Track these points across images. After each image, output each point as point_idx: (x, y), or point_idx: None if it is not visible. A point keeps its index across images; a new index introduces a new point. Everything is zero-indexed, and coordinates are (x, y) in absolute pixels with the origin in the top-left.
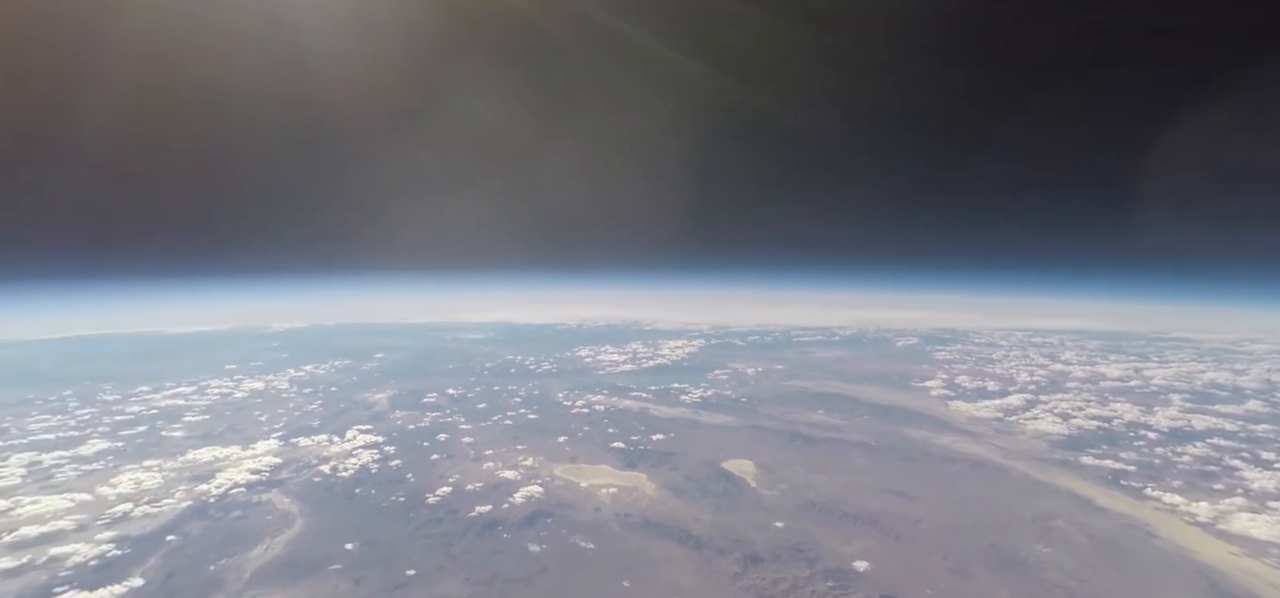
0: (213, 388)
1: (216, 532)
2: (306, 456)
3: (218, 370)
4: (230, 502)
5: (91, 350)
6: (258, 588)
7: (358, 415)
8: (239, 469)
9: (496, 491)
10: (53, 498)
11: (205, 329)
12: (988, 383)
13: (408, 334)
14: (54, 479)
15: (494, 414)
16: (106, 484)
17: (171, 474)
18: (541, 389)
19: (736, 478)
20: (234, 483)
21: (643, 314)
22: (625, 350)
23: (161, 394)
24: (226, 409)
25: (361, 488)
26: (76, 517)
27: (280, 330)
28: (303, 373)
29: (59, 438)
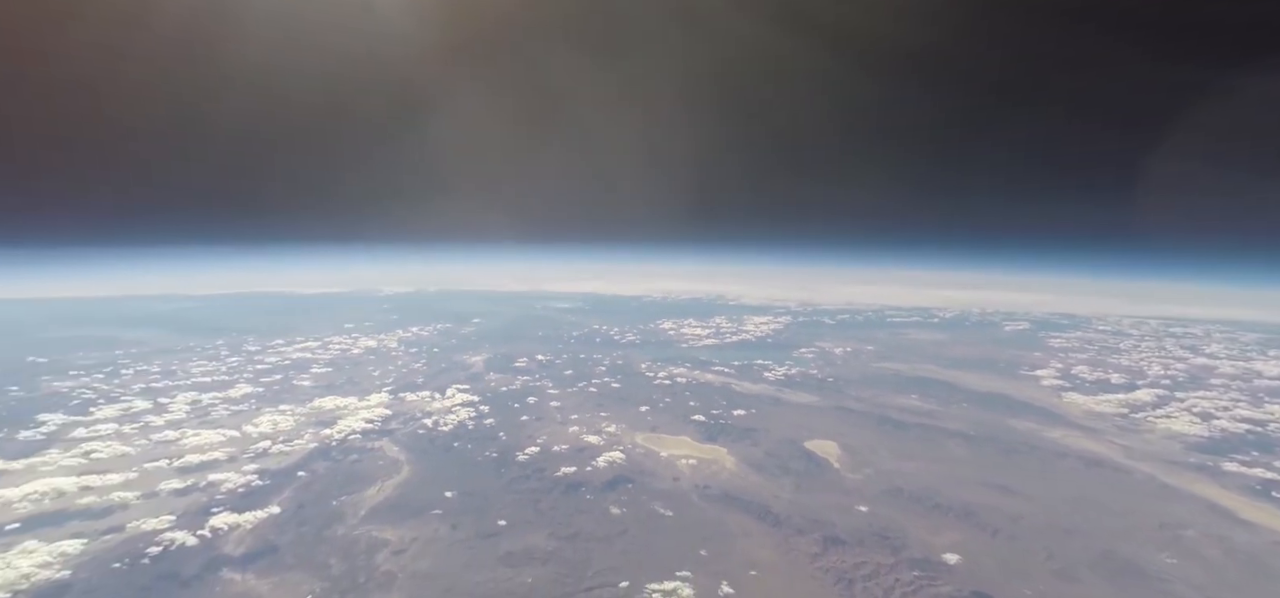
0: (334, 344)
1: (337, 472)
2: (412, 409)
3: (338, 328)
4: (349, 446)
5: (238, 307)
6: (371, 525)
7: (456, 375)
8: (356, 418)
9: (580, 454)
10: (209, 432)
11: (328, 291)
12: (1111, 375)
13: (502, 302)
14: (210, 416)
15: (579, 381)
16: (250, 424)
17: (301, 418)
18: (625, 359)
19: (819, 459)
20: (352, 430)
21: (728, 289)
22: (709, 324)
23: (293, 347)
24: (345, 363)
25: (459, 442)
26: (227, 449)
27: (390, 294)
28: (409, 334)
29: (214, 381)
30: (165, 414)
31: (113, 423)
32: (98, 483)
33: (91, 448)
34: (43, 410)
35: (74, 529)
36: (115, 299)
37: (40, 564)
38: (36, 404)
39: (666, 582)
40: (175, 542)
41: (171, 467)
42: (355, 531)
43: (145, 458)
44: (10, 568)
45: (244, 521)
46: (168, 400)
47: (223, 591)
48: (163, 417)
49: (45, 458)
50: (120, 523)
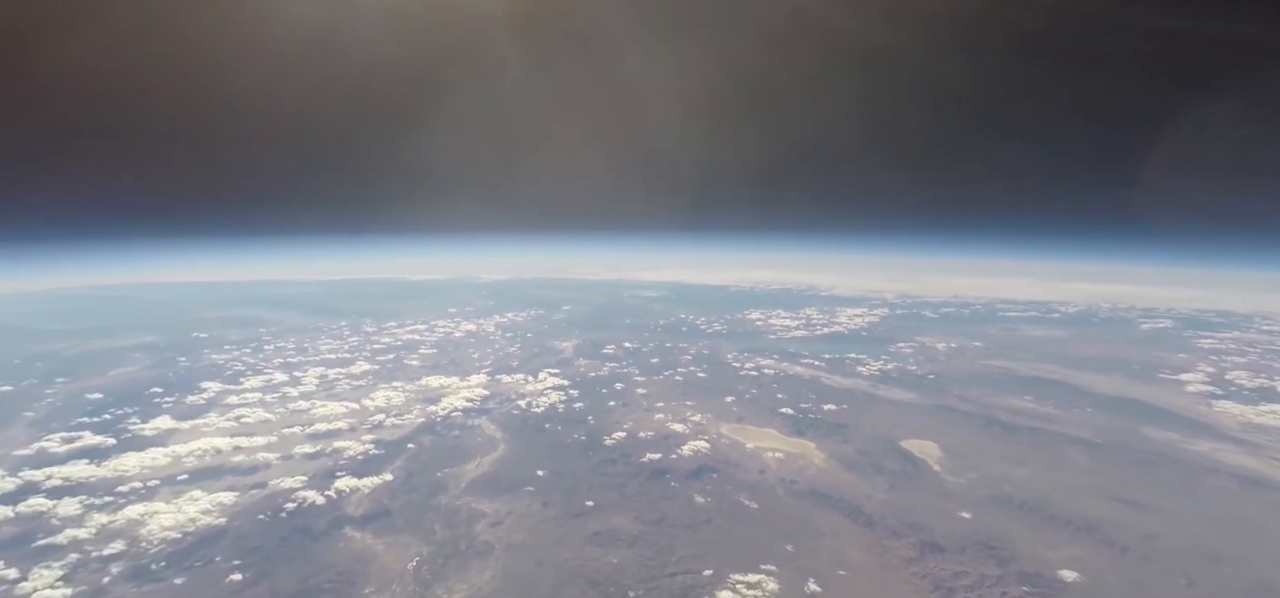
0: (439, 327)
1: (441, 446)
2: (507, 391)
3: (443, 313)
4: (451, 423)
5: (358, 292)
6: (471, 496)
7: (548, 360)
8: (458, 397)
9: (666, 441)
10: (334, 404)
11: (433, 278)
12: (1278, 382)
13: (591, 289)
14: (335, 390)
15: (666, 369)
16: (368, 398)
17: (410, 395)
18: (711, 349)
19: (917, 459)
20: (454, 408)
21: (819, 280)
22: (798, 316)
23: (404, 329)
24: (449, 346)
25: (550, 424)
26: (349, 420)
27: (488, 281)
28: (505, 319)
29: (338, 358)
30: (299, 386)
31: (258, 392)
32: (246, 444)
33: (241, 413)
34: (205, 379)
35: (228, 483)
36: (260, 283)
37: (203, 511)
38: (200, 374)
39: (751, 574)
40: (307, 500)
41: (304, 433)
42: (457, 501)
43: (283, 424)
44: (181, 512)
45: (362, 485)
46: (301, 374)
47: (345, 546)
48: (297, 388)
49: (206, 420)
50: (263, 481)
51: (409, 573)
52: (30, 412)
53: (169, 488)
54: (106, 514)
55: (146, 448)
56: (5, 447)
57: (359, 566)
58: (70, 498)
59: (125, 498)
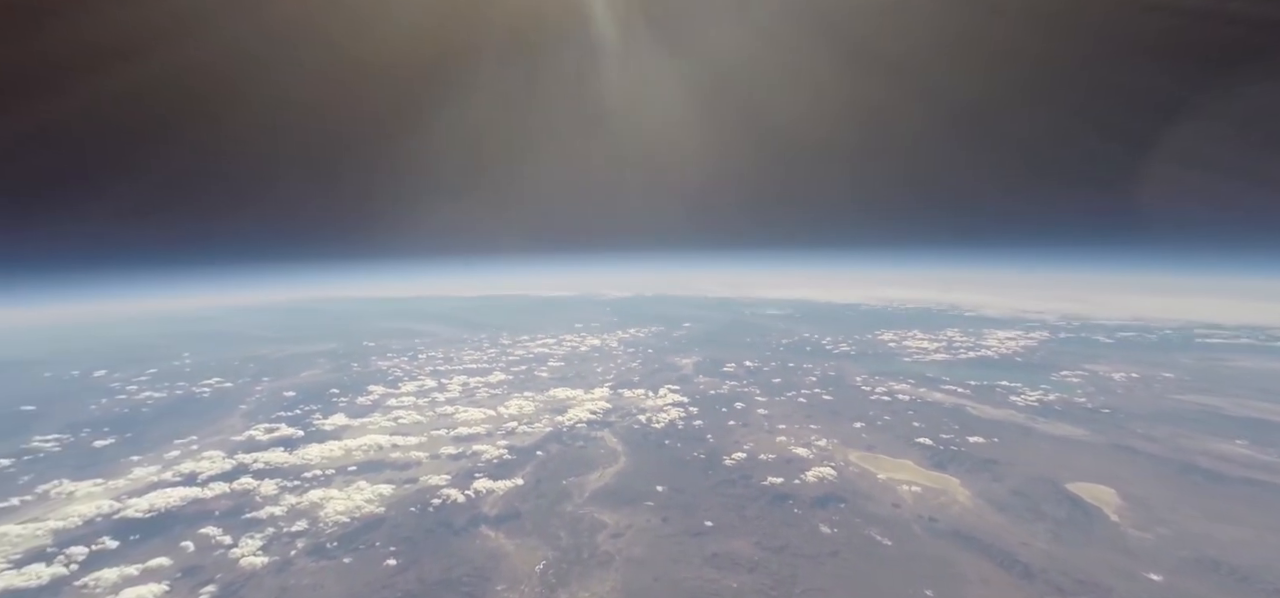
0: (567, 341)
1: (567, 455)
2: (629, 405)
3: (570, 327)
4: (576, 433)
5: (496, 307)
6: (593, 506)
7: (668, 376)
8: (582, 408)
9: (788, 465)
10: (474, 410)
11: (560, 294)
12: None
13: (711, 307)
14: (475, 397)
15: (788, 390)
16: (503, 406)
17: (540, 405)
18: (838, 370)
19: (1088, 506)
20: (579, 419)
21: (964, 298)
22: (938, 337)
23: (535, 342)
24: (575, 359)
25: (670, 440)
26: (486, 426)
27: (611, 298)
28: (627, 335)
29: (478, 368)
30: (445, 392)
31: (412, 396)
32: (402, 443)
33: (398, 415)
34: (371, 383)
35: (387, 477)
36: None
37: (366, 500)
38: (367, 378)
39: None
40: (449, 497)
41: (448, 436)
42: (580, 509)
43: (432, 426)
44: (350, 500)
45: (497, 487)
46: (447, 381)
47: (481, 544)
48: (444, 394)
49: (371, 419)
50: (415, 477)
51: (536, 575)
52: (244, 405)
53: (341, 477)
54: (295, 496)
55: (326, 441)
56: (225, 433)
57: (492, 563)
58: (269, 480)
59: (309, 483)
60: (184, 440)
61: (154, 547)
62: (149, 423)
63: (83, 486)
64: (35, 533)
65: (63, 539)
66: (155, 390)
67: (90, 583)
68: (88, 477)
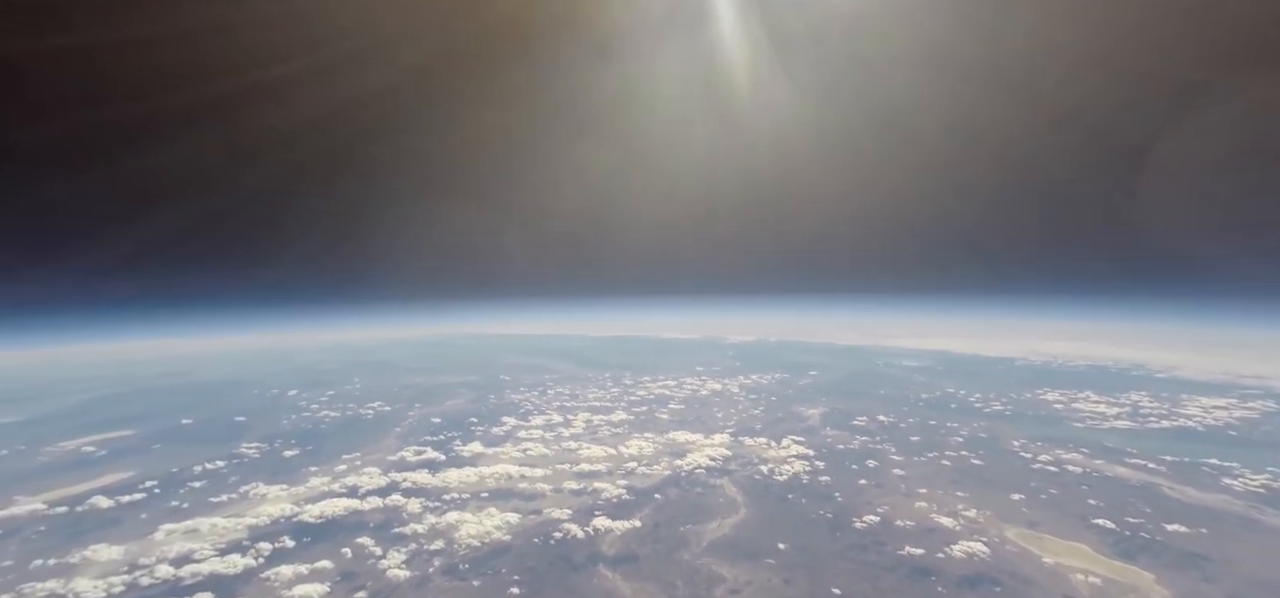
0: (687, 384)
1: (685, 501)
2: (750, 454)
3: (691, 370)
4: (695, 479)
5: (620, 347)
6: (711, 558)
7: (792, 426)
8: (702, 454)
9: (930, 535)
10: (596, 448)
11: (683, 337)
12: None
13: (839, 355)
14: (597, 434)
15: (929, 450)
16: (623, 445)
17: (659, 447)
18: (990, 432)
19: None
20: (698, 464)
21: (1152, 356)
22: (1120, 401)
23: (656, 384)
24: (695, 403)
25: (793, 494)
26: (607, 464)
27: (734, 342)
28: (750, 381)
29: (601, 406)
30: (570, 428)
31: (539, 430)
32: (529, 474)
33: (527, 447)
34: (504, 414)
35: (514, 506)
36: (546, 336)
37: (496, 527)
38: (501, 409)
39: None
40: (570, 533)
41: (571, 471)
42: (698, 559)
43: (556, 460)
44: (481, 525)
45: (616, 527)
46: (572, 417)
47: (598, 583)
48: (568, 430)
49: (502, 449)
50: (539, 508)
51: None
52: (398, 428)
53: (475, 502)
54: (435, 516)
55: (463, 466)
56: (382, 452)
57: None
58: (415, 499)
59: (447, 505)
60: (350, 456)
61: (320, 550)
62: (325, 439)
63: (273, 489)
64: (236, 527)
65: (255, 535)
66: (331, 411)
67: (271, 577)
68: (277, 482)
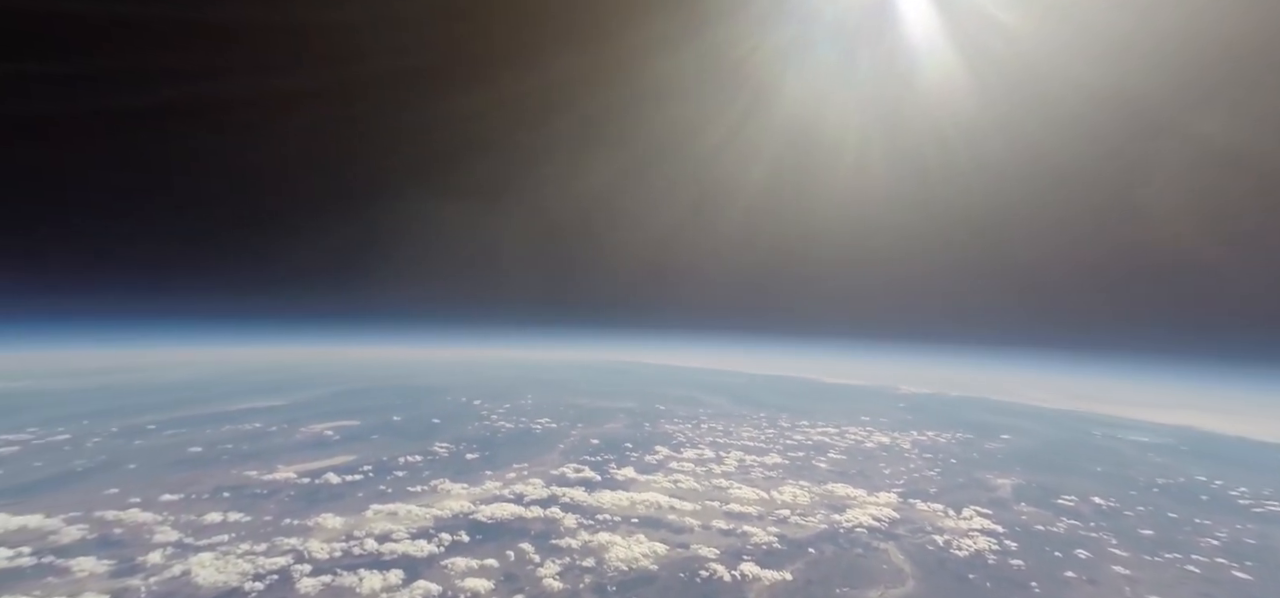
0: (850, 434)
1: (841, 560)
2: (921, 519)
3: (855, 419)
4: (854, 538)
5: (778, 387)
6: None
7: (975, 495)
8: (863, 511)
9: None
10: (747, 489)
11: (848, 383)
12: None
13: (1041, 419)
14: (749, 475)
15: (1166, 550)
16: (776, 490)
17: (815, 497)
18: (1261, 538)
19: None
20: (858, 523)
21: None
22: None
23: (816, 430)
24: (858, 455)
25: (976, 575)
26: (758, 507)
27: (906, 393)
28: (924, 437)
29: (754, 446)
30: (722, 465)
31: (691, 463)
32: (678, 506)
33: (678, 478)
34: (658, 443)
35: (662, 536)
36: (703, 370)
37: (643, 554)
38: (655, 438)
39: None
40: (716, 573)
41: (721, 509)
42: None
43: (706, 496)
44: (630, 550)
45: (764, 575)
46: (724, 455)
47: None
48: (720, 466)
49: (654, 478)
50: (686, 542)
51: None
52: (562, 444)
53: (625, 526)
54: (588, 534)
55: (616, 489)
56: (546, 466)
57: None
58: (571, 514)
59: (599, 525)
60: (519, 466)
61: (488, 549)
62: (500, 447)
63: (455, 487)
64: (424, 517)
65: (439, 525)
66: (507, 422)
67: (448, 566)
68: (459, 481)
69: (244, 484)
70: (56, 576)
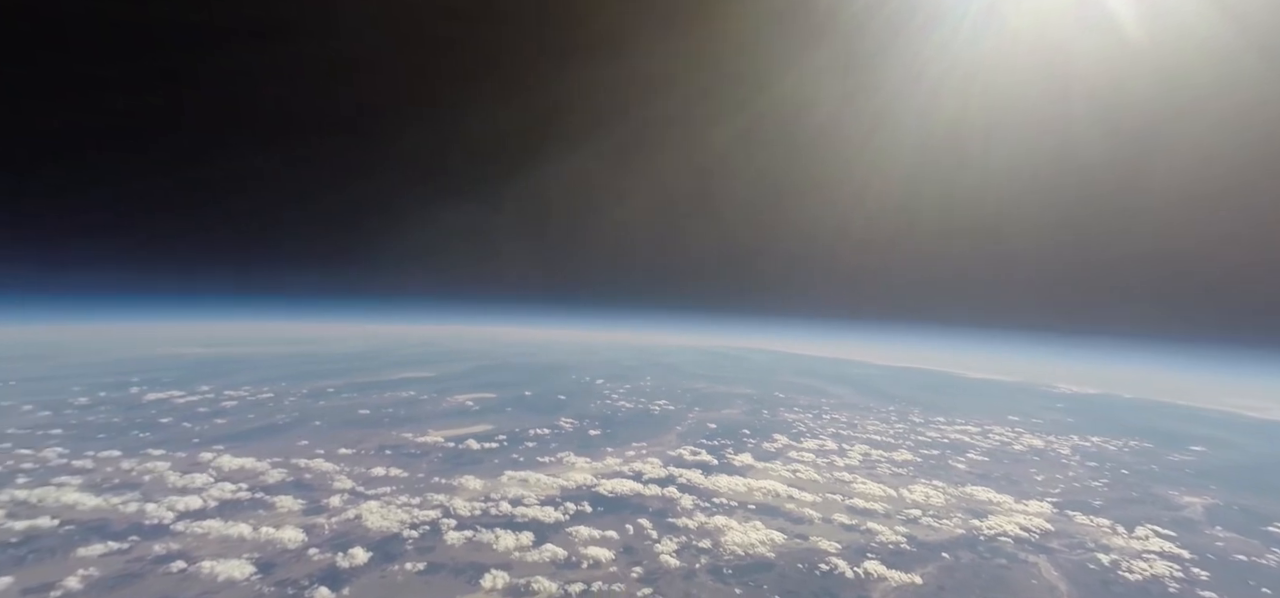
0: (994, 433)
1: (982, 570)
2: (1081, 534)
3: (1000, 418)
4: (997, 547)
5: (909, 380)
6: None
7: (1154, 513)
8: (1009, 519)
9: None
10: (873, 484)
11: (993, 378)
12: None
13: (1246, 430)
14: (875, 471)
15: None
16: (906, 488)
17: (951, 499)
18: None
19: None
20: (1003, 531)
21: None
22: None
23: (952, 427)
24: (1004, 457)
25: None
26: (884, 505)
27: (1066, 392)
28: (1088, 443)
29: (882, 440)
30: (845, 458)
31: (811, 453)
32: (796, 496)
33: (797, 468)
34: (776, 431)
35: (779, 525)
36: (825, 360)
37: (759, 540)
38: (773, 426)
39: None
40: (837, 568)
41: (843, 503)
42: None
43: (827, 488)
44: (746, 536)
45: (891, 576)
46: (848, 447)
47: None
48: (843, 459)
49: (772, 466)
50: (805, 534)
51: None
52: (679, 426)
53: (741, 512)
54: (704, 516)
55: (733, 475)
56: (664, 447)
57: None
58: (688, 495)
59: (715, 508)
60: (638, 445)
61: (608, 521)
62: (620, 425)
63: (579, 460)
64: (551, 486)
65: (564, 494)
66: (626, 402)
67: (573, 534)
68: (583, 455)
69: (401, 444)
70: (265, 510)
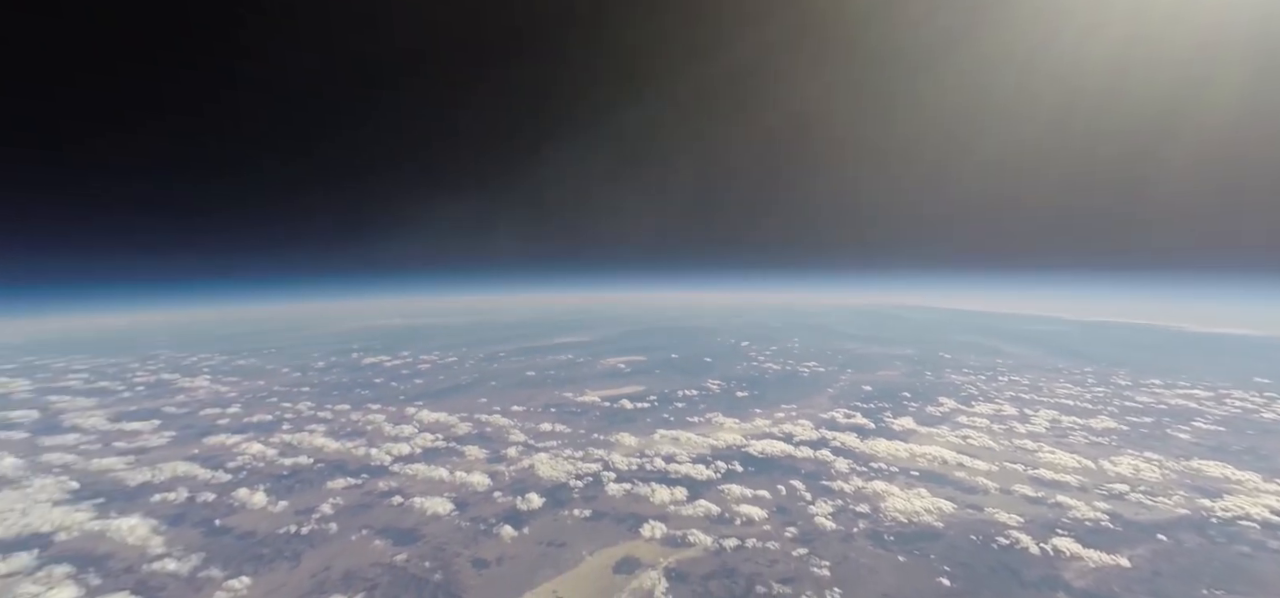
0: (1233, 399)
1: (1213, 557)
2: None
3: (1243, 381)
4: (1236, 532)
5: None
6: None
7: None
8: (1255, 500)
9: None
10: (1065, 454)
11: (1231, 332)
12: None
13: None
14: (1067, 439)
15: None
16: (1107, 460)
17: (1171, 474)
18: None
19: None
20: (1245, 512)
21: None
22: None
23: (1172, 391)
24: (1247, 427)
25: None
26: (1079, 477)
27: None
28: None
29: (1076, 406)
30: (1027, 424)
31: (985, 419)
32: (968, 464)
33: (968, 434)
34: (941, 395)
35: (948, 494)
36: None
37: (925, 508)
38: (938, 388)
39: None
40: (1019, 543)
41: (1026, 474)
42: None
43: (1005, 457)
44: (909, 503)
45: (1088, 556)
46: (1031, 413)
47: None
48: (1025, 425)
49: (937, 431)
50: (979, 504)
51: None
52: (831, 389)
53: (903, 478)
54: (861, 481)
55: (893, 439)
56: (815, 409)
57: None
58: (842, 459)
59: (874, 473)
60: (788, 406)
61: (759, 481)
62: (768, 387)
63: (728, 421)
64: (701, 444)
65: (715, 453)
66: (774, 363)
67: (724, 491)
68: (731, 416)
69: (564, 403)
70: (457, 457)
